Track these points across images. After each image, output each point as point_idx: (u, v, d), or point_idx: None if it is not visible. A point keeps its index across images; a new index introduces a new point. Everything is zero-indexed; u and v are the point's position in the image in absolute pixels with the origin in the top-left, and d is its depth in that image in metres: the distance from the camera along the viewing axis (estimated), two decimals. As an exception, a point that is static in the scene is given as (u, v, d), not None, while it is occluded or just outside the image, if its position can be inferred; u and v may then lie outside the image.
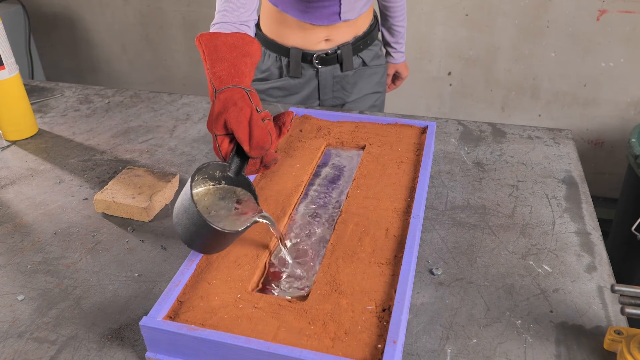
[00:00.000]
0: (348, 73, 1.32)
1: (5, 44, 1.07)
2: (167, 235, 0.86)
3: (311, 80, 1.32)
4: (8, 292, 0.76)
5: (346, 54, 1.29)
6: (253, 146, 0.75)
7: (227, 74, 0.78)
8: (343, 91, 1.35)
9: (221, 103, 0.76)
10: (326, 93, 1.34)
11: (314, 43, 1.26)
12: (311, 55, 1.27)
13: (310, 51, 1.27)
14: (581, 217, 0.87)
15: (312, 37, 1.26)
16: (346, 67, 1.30)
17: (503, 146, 1.07)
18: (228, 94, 0.76)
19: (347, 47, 1.28)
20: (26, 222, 0.89)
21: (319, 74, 1.30)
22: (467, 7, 2.07)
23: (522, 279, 0.75)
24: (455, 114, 2.29)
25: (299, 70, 1.29)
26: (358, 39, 1.30)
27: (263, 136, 0.75)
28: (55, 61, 2.78)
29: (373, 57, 1.36)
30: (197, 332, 0.60)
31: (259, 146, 0.75)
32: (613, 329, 0.63)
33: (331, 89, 1.33)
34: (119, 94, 1.35)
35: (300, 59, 1.28)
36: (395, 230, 0.78)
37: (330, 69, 1.30)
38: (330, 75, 1.31)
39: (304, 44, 1.27)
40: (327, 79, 1.31)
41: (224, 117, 0.75)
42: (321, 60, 1.28)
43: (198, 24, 2.43)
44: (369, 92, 1.38)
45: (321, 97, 1.35)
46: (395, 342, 0.59)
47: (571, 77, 2.09)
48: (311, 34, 1.25)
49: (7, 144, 1.14)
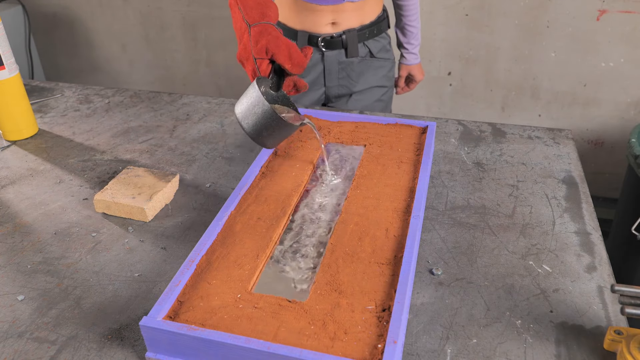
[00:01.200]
0: (353, 60, 1.35)
1: (5, 44, 1.07)
2: (167, 235, 0.86)
3: (317, 65, 1.36)
4: (8, 292, 0.76)
5: (351, 39, 1.33)
6: (294, 64, 0.84)
7: (258, 14, 0.87)
8: (349, 79, 1.37)
9: (258, 33, 0.85)
10: (332, 80, 1.38)
11: (321, 26, 1.32)
12: (317, 38, 1.32)
13: (316, 34, 1.33)
14: (581, 217, 0.87)
15: (319, 20, 1.31)
16: (351, 53, 1.34)
17: (503, 146, 1.07)
18: (262, 28, 0.85)
19: (352, 32, 1.32)
20: (26, 222, 0.89)
21: (324, 58, 1.35)
22: (467, 7, 2.07)
23: (522, 279, 0.75)
24: (455, 114, 2.29)
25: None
26: (364, 27, 1.34)
27: (300, 56, 0.85)
28: (55, 61, 2.77)
29: (380, 49, 1.38)
30: (197, 332, 0.60)
31: (298, 64, 0.85)
32: (613, 329, 0.63)
33: (337, 76, 1.37)
34: (119, 94, 1.35)
35: (307, 41, 1.33)
36: (395, 230, 0.78)
37: (335, 54, 1.34)
38: (336, 60, 1.35)
39: (311, 27, 1.32)
40: (332, 64, 1.35)
41: (265, 42, 0.83)
42: (326, 43, 1.33)
43: (198, 24, 2.43)
44: (375, 84, 1.41)
45: (327, 84, 1.39)
46: (395, 342, 0.59)
47: (571, 77, 2.09)
48: (318, 16, 1.30)
49: (7, 144, 1.14)
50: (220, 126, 1.18)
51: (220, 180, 0.99)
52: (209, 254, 0.74)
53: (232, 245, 0.76)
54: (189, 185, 0.98)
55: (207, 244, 0.75)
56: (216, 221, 0.79)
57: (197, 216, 0.90)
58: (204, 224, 0.87)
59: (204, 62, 2.52)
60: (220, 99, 1.30)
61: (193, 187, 0.97)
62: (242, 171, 1.01)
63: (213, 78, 2.56)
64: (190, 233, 0.86)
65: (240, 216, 0.81)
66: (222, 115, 1.23)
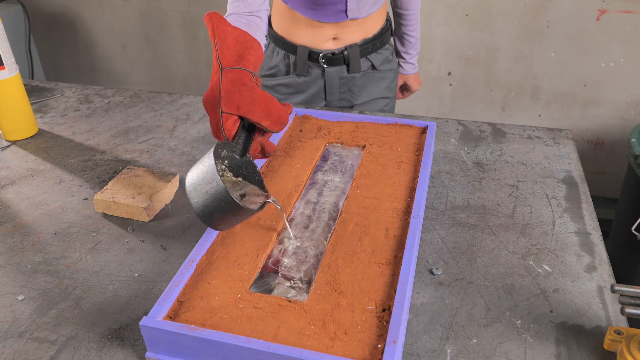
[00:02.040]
0: (355, 75, 1.31)
1: (5, 44, 1.07)
2: (167, 235, 0.86)
3: (317, 80, 1.31)
4: (8, 292, 0.76)
5: (353, 56, 1.28)
6: (273, 121, 0.75)
7: (234, 57, 0.77)
8: (350, 93, 1.33)
9: (229, 82, 0.75)
10: (333, 94, 1.33)
11: (322, 41, 1.26)
12: (318, 54, 1.27)
13: (317, 50, 1.27)
14: (581, 217, 0.87)
15: (320, 36, 1.26)
16: (353, 69, 1.29)
17: (503, 146, 1.07)
18: (236, 74, 0.75)
19: (354, 48, 1.27)
20: (26, 222, 0.89)
21: (325, 74, 1.30)
22: (467, 7, 2.07)
23: (522, 279, 0.75)
24: (455, 114, 2.29)
25: (305, 68, 1.29)
26: (367, 42, 1.28)
27: (280, 111, 0.75)
28: (55, 61, 2.77)
29: (383, 61, 1.34)
30: (197, 332, 0.60)
31: (279, 121, 0.75)
32: (613, 329, 0.63)
33: (338, 90, 1.33)
34: (119, 94, 1.35)
35: (307, 57, 1.28)
36: (395, 230, 0.78)
37: (336, 70, 1.30)
38: (337, 76, 1.30)
39: (312, 42, 1.27)
40: (333, 80, 1.31)
41: (236, 96, 0.73)
42: (327, 59, 1.28)
43: (198, 24, 2.43)
44: (377, 96, 1.36)
45: (327, 98, 1.34)
46: (395, 342, 0.59)
47: (571, 77, 2.09)
48: (319, 32, 1.25)
49: (7, 144, 1.14)
50: (220, 126, 1.18)
51: (220, 180, 0.99)
52: (209, 254, 0.74)
53: (232, 245, 0.76)
54: (189, 185, 0.98)
55: (207, 244, 0.75)
56: (216, 221, 0.79)
57: (197, 216, 0.90)
58: (203, 224, 0.87)
59: (204, 62, 2.52)
60: (220, 99, 1.30)
61: (193, 187, 0.97)
62: (242, 171, 1.01)
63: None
64: (190, 233, 0.86)
65: (240, 216, 0.81)
66: (222, 115, 1.23)
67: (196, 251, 0.73)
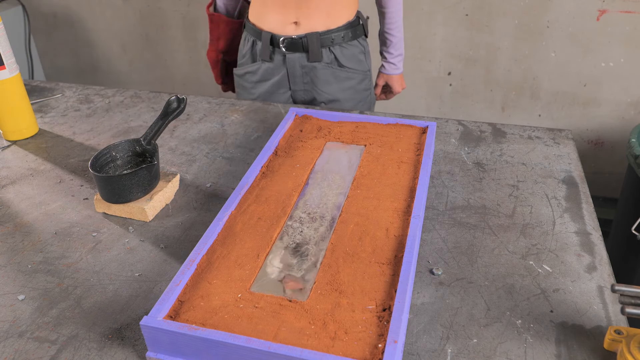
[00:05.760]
0: (316, 65, 1.32)
1: (5, 44, 1.07)
2: (168, 235, 0.86)
3: (281, 66, 1.34)
4: (8, 292, 0.76)
5: (312, 42, 1.30)
6: None
7: None
8: (313, 85, 1.35)
9: None
10: (296, 83, 1.35)
11: (284, 25, 1.30)
12: (279, 39, 1.31)
13: (279, 35, 1.31)
14: (581, 217, 0.87)
15: (284, 20, 1.30)
16: (313, 57, 1.31)
17: (503, 146, 1.07)
18: None
19: (314, 35, 1.30)
20: (27, 222, 0.89)
21: (286, 60, 1.33)
22: (467, 7, 2.07)
23: (523, 279, 0.75)
24: (455, 114, 2.29)
25: (267, 53, 1.33)
26: (330, 31, 1.30)
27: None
28: (55, 61, 2.77)
29: (350, 58, 1.34)
30: (197, 331, 0.60)
31: None
32: (613, 328, 0.63)
33: (301, 80, 1.35)
34: (119, 94, 1.35)
35: (269, 41, 1.32)
36: (395, 230, 0.78)
37: (297, 57, 1.32)
38: (299, 63, 1.33)
39: (276, 27, 1.31)
40: (295, 67, 1.33)
41: None
42: (288, 44, 1.31)
43: (198, 24, 2.43)
44: (341, 97, 1.36)
45: (292, 87, 1.37)
46: (395, 342, 0.59)
47: (571, 77, 2.09)
48: (282, 13, 1.29)
49: (8, 144, 1.14)
50: (220, 126, 1.18)
51: (220, 180, 0.99)
52: (210, 254, 0.74)
53: (232, 245, 0.76)
54: (190, 185, 0.98)
55: (207, 244, 0.75)
56: (216, 221, 0.79)
57: (198, 216, 0.90)
58: (204, 224, 0.87)
59: (204, 62, 2.52)
60: (220, 99, 1.30)
61: (193, 187, 0.98)
62: (242, 171, 1.01)
63: (213, 78, 2.56)
64: (190, 233, 0.86)
65: (240, 216, 0.81)
66: (222, 115, 1.23)
67: (196, 251, 0.74)
